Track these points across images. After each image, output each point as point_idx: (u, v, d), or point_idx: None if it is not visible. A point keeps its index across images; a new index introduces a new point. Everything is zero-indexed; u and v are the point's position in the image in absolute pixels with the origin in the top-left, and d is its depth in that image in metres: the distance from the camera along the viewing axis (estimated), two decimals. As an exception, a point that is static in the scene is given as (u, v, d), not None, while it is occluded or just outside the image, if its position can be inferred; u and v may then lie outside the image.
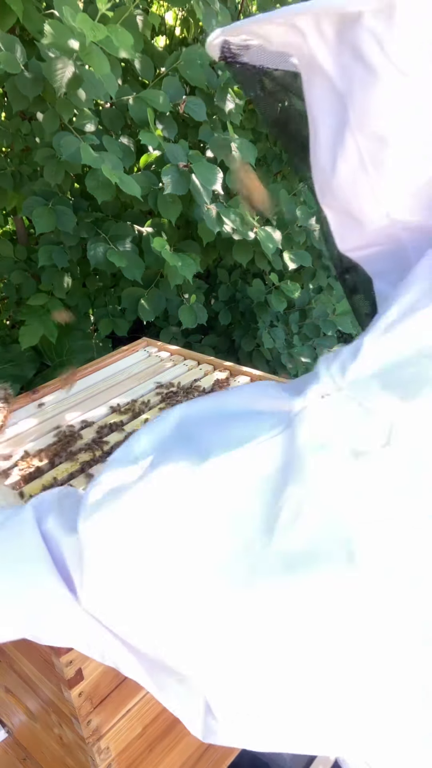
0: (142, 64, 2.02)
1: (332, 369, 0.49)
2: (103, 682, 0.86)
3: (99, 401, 1.28)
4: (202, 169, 1.91)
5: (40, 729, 1.05)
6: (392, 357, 0.45)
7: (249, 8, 3.12)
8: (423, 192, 0.47)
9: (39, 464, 1.08)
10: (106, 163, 1.67)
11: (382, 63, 0.41)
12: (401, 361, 0.45)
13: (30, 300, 2.27)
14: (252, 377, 1.32)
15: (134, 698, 0.93)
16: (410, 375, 0.44)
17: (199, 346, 2.68)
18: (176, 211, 1.99)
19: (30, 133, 2.03)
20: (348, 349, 0.49)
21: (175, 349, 1.49)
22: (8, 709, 1.16)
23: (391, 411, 0.44)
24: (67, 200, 2.06)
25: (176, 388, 1.29)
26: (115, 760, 0.94)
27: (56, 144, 1.76)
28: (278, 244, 2.19)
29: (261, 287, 2.52)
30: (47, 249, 2.11)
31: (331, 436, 0.47)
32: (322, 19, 0.43)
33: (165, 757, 1.05)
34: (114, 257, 1.95)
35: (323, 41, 0.44)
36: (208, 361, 1.41)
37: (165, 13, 2.68)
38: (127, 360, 1.47)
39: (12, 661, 0.97)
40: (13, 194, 2.21)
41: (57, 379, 1.38)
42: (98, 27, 1.47)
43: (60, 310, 2.18)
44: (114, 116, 2.06)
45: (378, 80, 0.42)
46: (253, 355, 2.65)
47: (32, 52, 1.75)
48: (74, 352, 2.47)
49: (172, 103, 1.98)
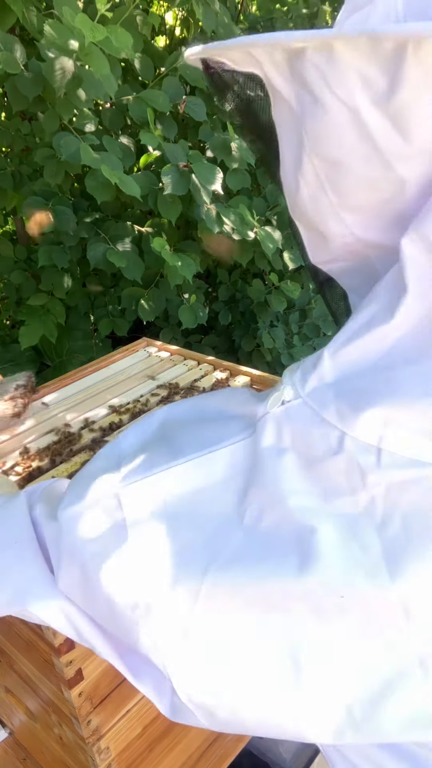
0: (142, 64, 2.02)
1: (294, 378, 0.52)
2: (103, 682, 0.86)
3: (99, 401, 1.28)
4: (202, 169, 1.91)
5: (40, 729, 1.05)
6: (348, 368, 0.48)
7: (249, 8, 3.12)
8: (381, 212, 0.48)
9: (39, 464, 1.08)
10: (105, 164, 1.67)
11: (326, 94, 0.42)
12: (356, 373, 0.47)
13: (30, 300, 2.27)
14: (252, 377, 1.32)
15: (134, 698, 0.93)
16: (362, 386, 0.46)
17: (199, 346, 2.68)
18: (176, 211, 1.99)
19: (30, 133, 2.03)
20: (310, 359, 0.51)
21: (175, 349, 1.49)
22: (8, 709, 1.16)
23: (342, 421, 0.46)
24: (67, 200, 2.06)
25: (176, 388, 1.29)
26: (115, 760, 0.94)
27: (56, 144, 1.76)
28: (278, 244, 2.19)
29: (261, 287, 2.52)
30: (47, 249, 2.11)
31: (289, 442, 0.50)
32: (274, 51, 0.45)
33: (165, 757, 1.05)
34: (114, 257, 1.95)
35: (278, 70, 0.46)
36: (208, 361, 1.41)
37: (165, 13, 2.68)
38: (127, 360, 1.47)
39: (12, 661, 0.97)
40: (13, 194, 2.21)
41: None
42: (97, 27, 1.47)
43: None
44: (114, 116, 2.06)
45: (324, 110, 0.43)
46: (253, 355, 2.65)
47: (32, 52, 1.75)
48: (74, 352, 2.47)
49: (172, 103, 1.98)
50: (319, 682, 0.45)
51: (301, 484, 0.48)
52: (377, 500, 0.44)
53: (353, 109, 0.42)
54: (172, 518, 0.53)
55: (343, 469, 0.45)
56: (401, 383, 0.44)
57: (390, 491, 0.44)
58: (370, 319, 0.46)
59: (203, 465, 0.54)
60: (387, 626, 0.42)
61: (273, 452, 0.50)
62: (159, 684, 0.56)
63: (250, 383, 1.30)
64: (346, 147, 0.44)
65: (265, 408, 0.53)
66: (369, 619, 0.43)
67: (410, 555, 0.42)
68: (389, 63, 0.39)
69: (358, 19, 0.43)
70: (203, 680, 0.49)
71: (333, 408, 0.47)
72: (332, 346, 0.49)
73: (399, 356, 0.45)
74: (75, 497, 0.58)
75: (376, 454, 0.44)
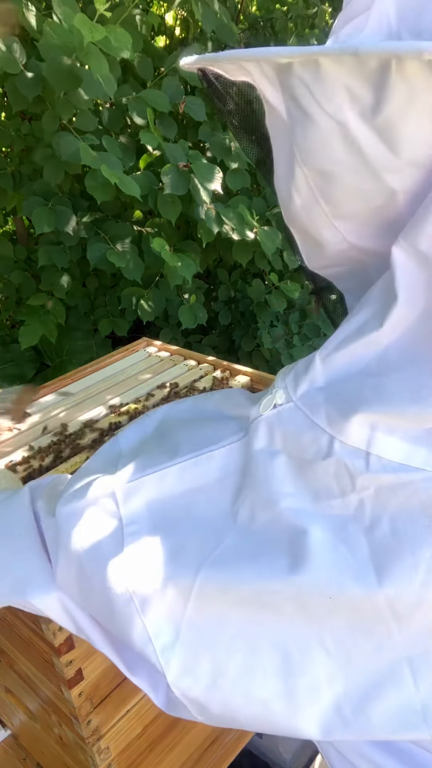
0: (141, 64, 2.02)
1: (287, 381, 0.53)
2: (103, 682, 0.86)
3: (99, 401, 1.28)
4: (202, 169, 1.91)
5: (40, 729, 1.05)
6: (339, 373, 0.48)
7: (249, 8, 3.12)
8: (373, 221, 0.48)
9: (39, 464, 1.08)
10: (105, 164, 1.67)
11: (314, 108, 0.43)
12: (346, 378, 0.48)
13: (30, 300, 2.27)
14: (252, 377, 1.32)
15: (134, 698, 0.93)
16: (352, 391, 0.47)
17: (199, 346, 2.68)
18: (176, 211, 1.99)
19: (30, 133, 2.03)
20: (302, 363, 0.52)
21: (175, 349, 1.49)
22: (8, 709, 1.16)
23: (331, 425, 0.47)
24: (66, 200, 2.06)
25: (176, 388, 1.29)
26: (115, 760, 0.94)
27: (56, 144, 1.76)
28: (278, 244, 2.19)
29: (261, 287, 2.52)
30: (47, 249, 2.11)
31: (281, 445, 0.51)
32: (263, 64, 0.46)
33: (165, 757, 1.05)
34: (114, 257, 1.95)
35: (268, 82, 0.47)
36: (208, 361, 1.41)
37: (165, 14, 2.67)
38: (127, 360, 1.47)
39: (12, 661, 0.97)
40: (13, 194, 2.21)
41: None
42: (96, 28, 1.47)
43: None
44: (114, 116, 2.06)
45: (313, 124, 0.44)
46: (253, 355, 2.65)
47: (32, 52, 1.75)
48: (74, 352, 2.47)
49: (171, 103, 1.98)
50: (309, 680, 0.46)
51: (292, 486, 0.48)
52: (366, 503, 0.45)
53: (341, 122, 0.42)
54: (168, 517, 0.53)
55: (333, 472, 0.46)
56: (390, 389, 0.45)
57: (379, 494, 0.44)
58: (361, 325, 0.47)
59: (199, 465, 0.55)
60: (376, 627, 0.43)
61: (265, 454, 0.51)
62: (154, 678, 0.57)
63: (250, 383, 1.30)
64: (335, 159, 0.45)
65: (258, 411, 0.54)
66: (358, 619, 0.43)
67: (397, 557, 0.42)
68: (374, 79, 0.39)
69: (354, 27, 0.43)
70: (195, 676, 0.49)
71: (323, 412, 0.48)
72: (324, 350, 0.50)
73: (388, 362, 0.46)
74: (73, 494, 0.59)
75: (364, 458, 0.45)
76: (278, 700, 0.47)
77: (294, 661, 0.46)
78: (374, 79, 0.39)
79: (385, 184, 0.44)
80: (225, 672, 0.48)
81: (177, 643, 0.49)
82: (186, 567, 0.49)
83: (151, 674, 0.58)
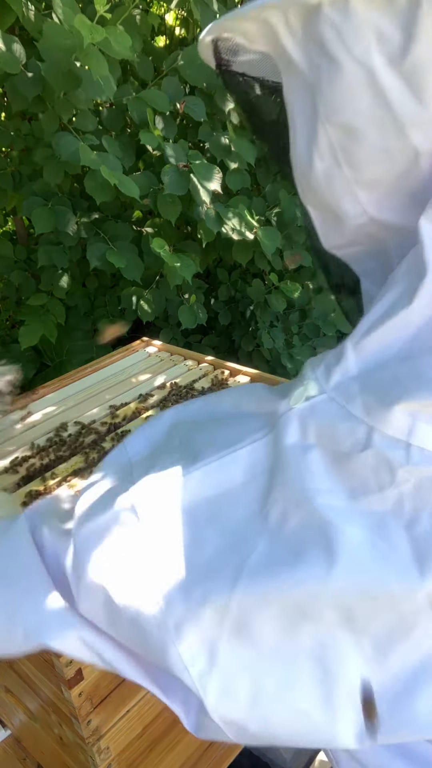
0: (141, 64, 2.02)
1: (317, 372, 0.50)
2: (103, 682, 0.86)
3: (99, 401, 1.28)
4: (202, 169, 1.91)
5: (40, 729, 1.05)
6: (372, 359, 0.46)
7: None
8: (396, 190, 0.47)
9: (39, 463, 1.08)
10: (104, 164, 1.67)
11: (342, 53, 0.43)
12: (380, 364, 0.46)
13: (30, 300, 2.26)
14: (252, 377, 1.32)
15: (134, 698, 0.93)
16: (387, 378, 0.45)
17: (199, 346, 2.68)
18: (176, 211, 1.99)
19: (30, 133, 2.03)
20: (333, 353, 0.50)
21: (175, 349, 1.49)
22: (8, 709, 1.16)
23: (369, 414, 0.45)
24: (66, 200, 2.06)
25: (176, 388, 1.29)
26: (115, 760, 0.94)
27: (56, 144, 1.76)
28: (278, 244, 2.19)
29: (261, 287, 2.52)
30: (47, 249, 2.11)
31: (315, 439, 0.48)
32: (289, 13, 0.45)
33: (165, 757, 1.05)
34: (113, 257, 1.95)
35: (292, 35, 0.46)
36: (208, 361, 1.41)
37: (165, 14, 2.67)
38: (127, 360, 1.47)
39: (12, 661, 0.97)
40: (13, 194, 2.21)
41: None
42: (96, 28, 1.47)
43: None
44: (114, 116, 2.06)
45: (340, 71, 0.43)
46: (253, 355, 2.65)
47: (32, 52, 1.75)
48: (74, 352, 2.47)
49: (171, 103, 1.98)
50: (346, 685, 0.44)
51: (327, 482, 0.46)
52: (405, 497, 0.43)
53: (369, 68, 0.42)
54: (194, 528, 0.50)
55: (372, 465, 0.44)
56: (428, 375, 0.43)
57: (419, 488, 0.43)
58: (390, 307, 0.45)
59: (223, 468, 0.52)
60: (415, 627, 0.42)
61: (297, 449, 0.48)
62: (187, 701, 0.54)
63: (249, 383, 1.30)
64: (360, 112, 0.44)
65: (288, 404, 0.51)
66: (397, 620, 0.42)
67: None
68: (404, 18, 0.39)
69: None
70: (235, 697, 0.47)
71: (359, 402, 0.46)
72: (354, 337, 0.47)
73: (422, 344, 0.44)
74: (88, 514, 0.54)
75: (405, 449, 0.43)
76: (317, 710, 0.45)
77: (331, 668, 0.44)
78: (403, 18, 0.39)
79: (409, 142, 0.43)
80: (264, 688, 0.46)
81: (214, 668, 0.46)
82: (219, 584, 0.46)
83: (185, 697, 0.54)
